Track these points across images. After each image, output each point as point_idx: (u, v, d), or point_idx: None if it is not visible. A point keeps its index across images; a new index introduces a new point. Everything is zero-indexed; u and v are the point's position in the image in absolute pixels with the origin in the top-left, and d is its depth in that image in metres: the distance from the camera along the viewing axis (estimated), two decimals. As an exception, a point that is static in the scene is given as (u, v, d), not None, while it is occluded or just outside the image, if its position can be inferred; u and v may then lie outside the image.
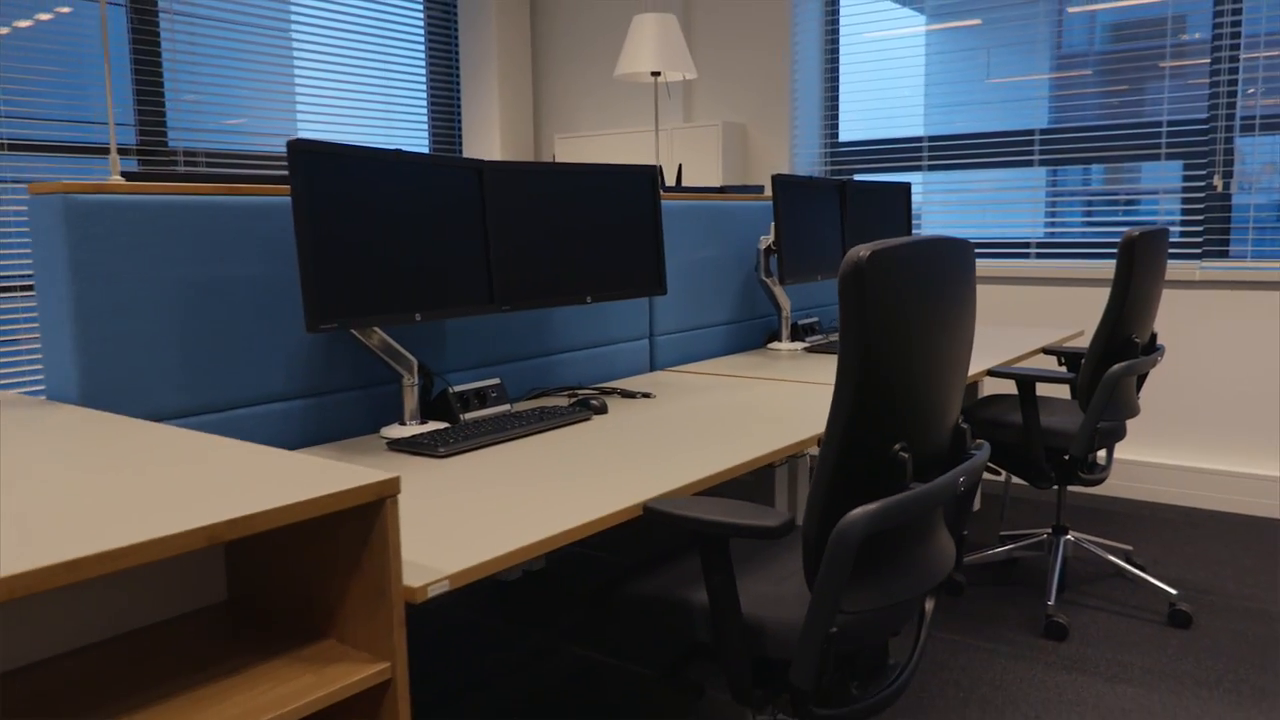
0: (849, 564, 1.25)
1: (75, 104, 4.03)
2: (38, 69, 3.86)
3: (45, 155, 3.94)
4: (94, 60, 4.11)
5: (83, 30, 4.05)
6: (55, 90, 3.97)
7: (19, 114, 3.82)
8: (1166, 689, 2.28)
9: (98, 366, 1.53)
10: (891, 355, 1.26)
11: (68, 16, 3.95)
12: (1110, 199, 3.93)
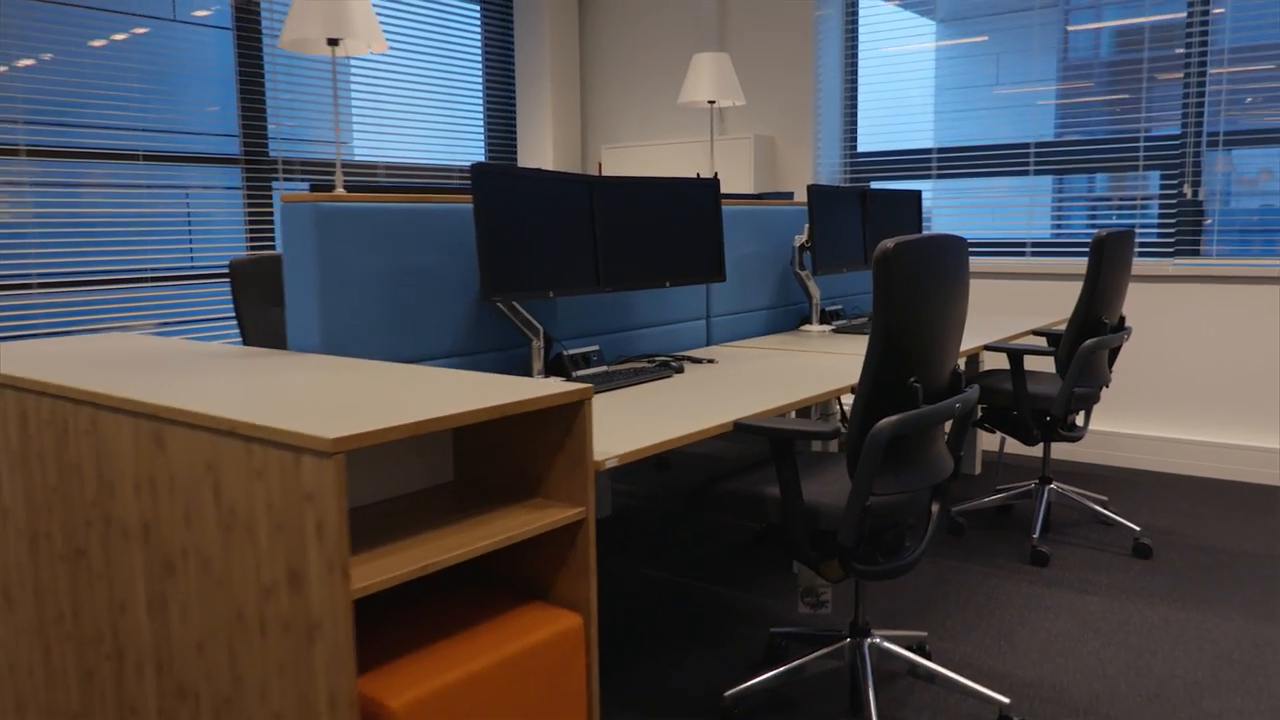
0: (878, 458, 1.83)
1: (173, 116, 4.65)
2: (142, 86, 4.48)
3: (172, 164, 4.56)
4: (189, 77, 4.72)
5: (177, 50, 4.67)
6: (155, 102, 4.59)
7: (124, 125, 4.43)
8: (1126, 599, 2.85)
9: (332, 325, 2.12)
10: (908, 316, 1.84)
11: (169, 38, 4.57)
12: (1097, 204, 4.50)
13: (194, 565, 1.52)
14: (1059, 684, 2.33)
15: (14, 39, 3.98)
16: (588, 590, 1.69)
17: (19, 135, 3.99)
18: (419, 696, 1.41)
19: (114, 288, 4.32)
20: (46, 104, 4.10)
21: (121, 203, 4.34)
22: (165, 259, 4.52)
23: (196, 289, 4.64)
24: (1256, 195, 4.14)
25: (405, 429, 1.35)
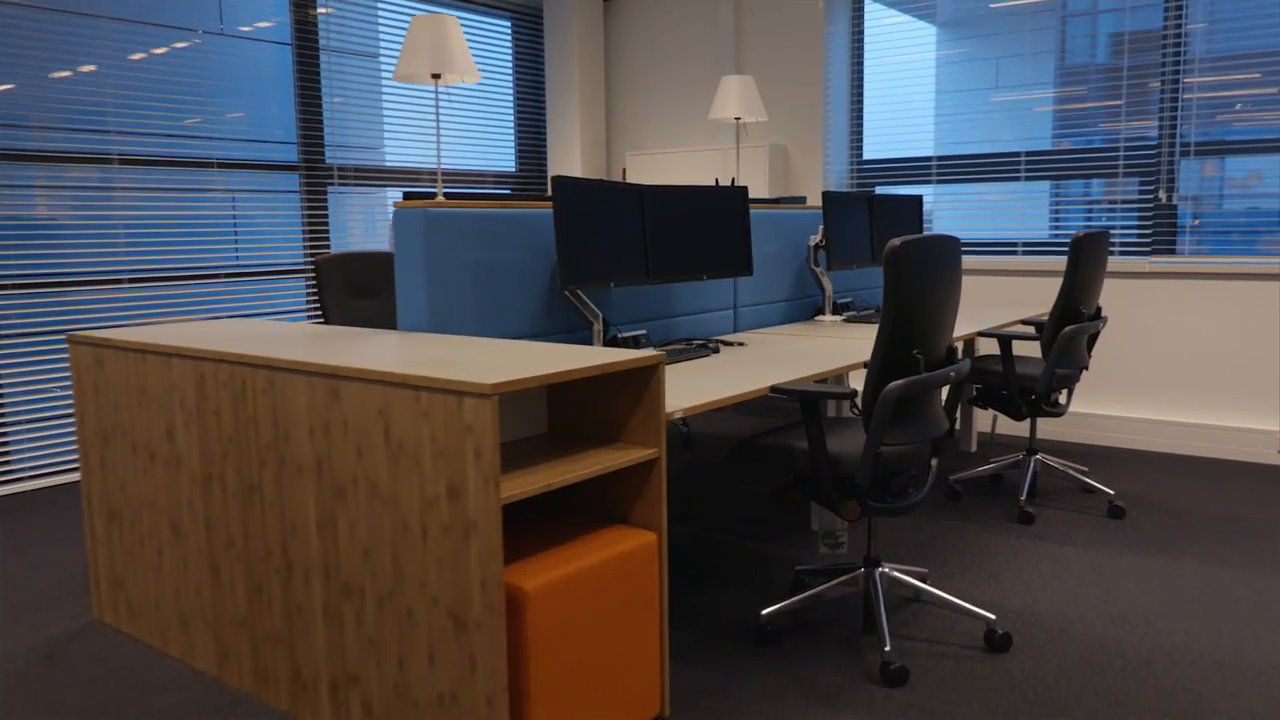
0: (889, 413, 2.29)
1: (243, 126, 5.11)
2: (216, 100, 4.94)
3: (241, 171, 5.02)
4: (255, 89, 5.17)
5: (244, 64, 5.13)
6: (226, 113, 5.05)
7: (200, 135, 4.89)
8: (1099, 549, 3.31)
9: (437, 308, 2.58)
10: (912, 300, 2.29)
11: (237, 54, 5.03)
12: (1082, 208, 4.96)
13: (363, 490, 1.98)
14: (1037, 611, 2.79)
15: (106, 60, 4.44)
16: (660, 515, 2.14)
17: (111, 145, 4.45)
18: (546, 582, 1.86)
19: (193, 282, 4.77)
20: (134, 117, 4.56)
21: (197, 206, 4.80)
22: (242, 257, 4.98)
23: (269, 284, 5.10)
24: (1226, 199, 4.59)
25: (544, 378, 1.81)
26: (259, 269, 5.04)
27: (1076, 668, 2.44)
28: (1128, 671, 2.41)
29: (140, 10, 4.54)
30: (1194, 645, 2.56)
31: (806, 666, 2.47)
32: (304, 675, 2.20)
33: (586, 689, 1.98)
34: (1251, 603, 2.84)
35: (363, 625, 2.04)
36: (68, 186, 4.31)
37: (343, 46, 5.34)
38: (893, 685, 2.36)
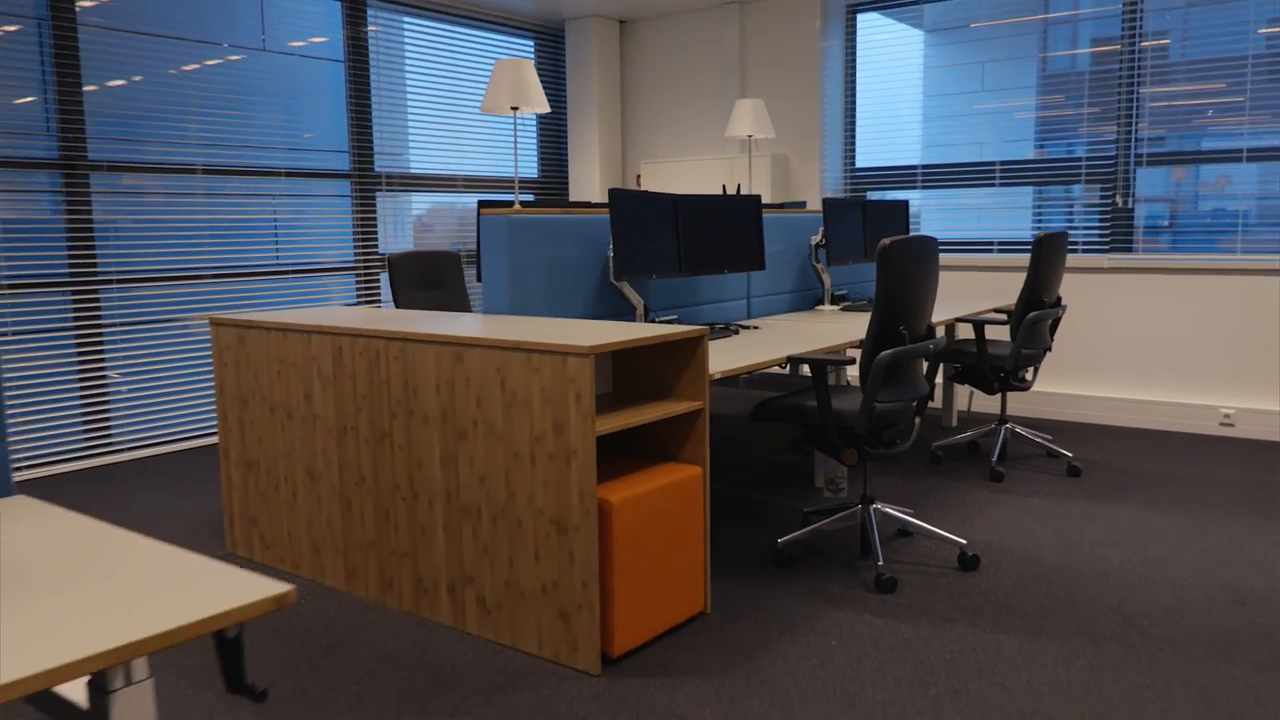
0: (881, 376, 2.91)
1: (309, 137, 5.72)
2: (284, 116, 5.54)
3: (302, 179, 5.62)
4: (313, 103, 5.76)
5: (303, 80, 5.73)
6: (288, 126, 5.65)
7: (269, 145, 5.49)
8: (1057, 500, 3.94)
9: (516, 294, 3.19)
10: (899, 287, 2.91)
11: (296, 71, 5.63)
12: (1049, 211, 5.60)
13: (482, 430, 2.60)
14: (1002, 543, 3.42)
15: (188, 87, 5.04)
16: (704, 454, 2.76)
17: (194, 156, 5.05)
18: (625, 498, 2.48)
19: (261, 278, 5.37)
20: (215, 132, 5.16)
21: (264, 209, 5.40)
22: (302, 255, 5.59)
23: (326, 279, 5.71)
24: (1176, 203, 5.23)
25: (624, 344, 2.43)
26: (318, 266, 5.64)
27: (1031, 581, 3.07)
28: (1071, 584, 3.05)
29: (209, 31, 5.14)
30: (1125, 566, 3.19)
31: (816, 580, 3.09)
32: (425, 581, 2.82)
33: (651, 584, 2.60)
34: (1176, 536, 3.47)
35: (478, 536, 2.65)
36: (159, 193, 4.90)
37: (389, 63, 5.94)
38: (884, 591, 2.99)
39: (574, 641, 2.49)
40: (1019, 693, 2.35)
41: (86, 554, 1.29)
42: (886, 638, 2.66)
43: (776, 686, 2.40)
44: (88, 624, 1.07)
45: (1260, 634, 2.66)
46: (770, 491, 4.11)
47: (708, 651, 2.60)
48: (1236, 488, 4.07)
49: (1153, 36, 5.19)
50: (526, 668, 2.52)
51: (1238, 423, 5.00)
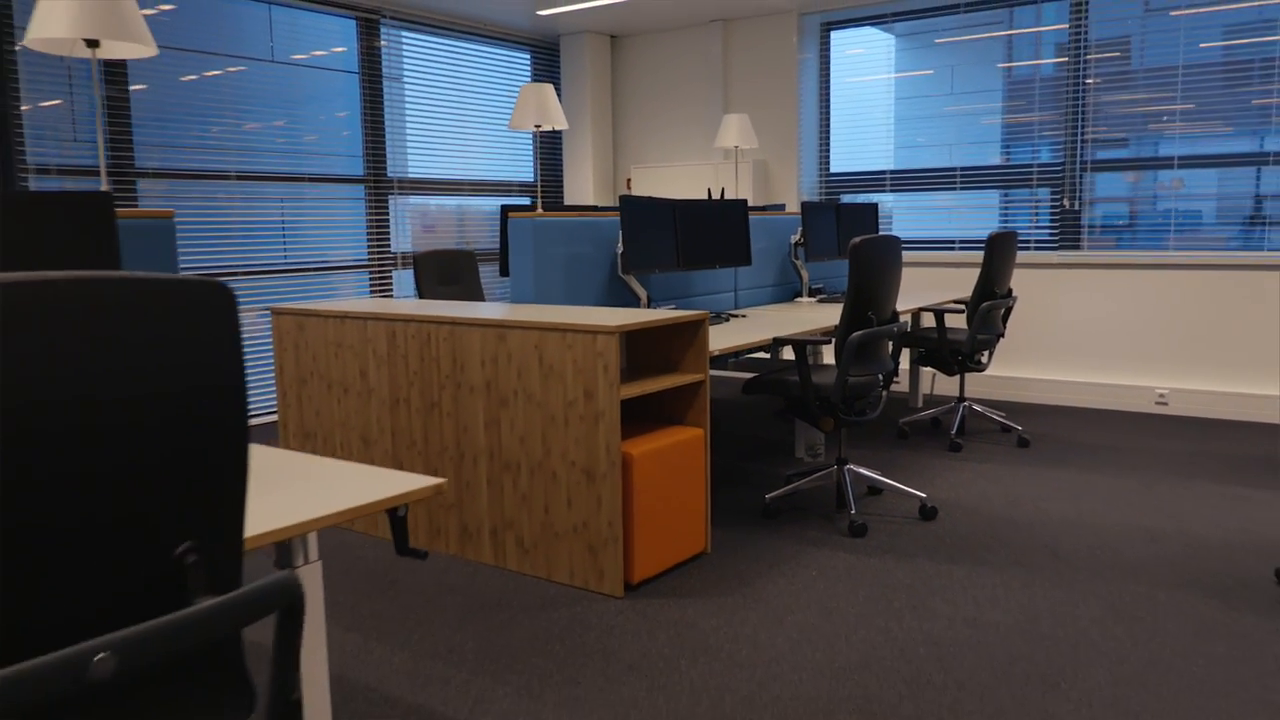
0: (853, 354, 3.45)
1: (328, 144, 6.19)
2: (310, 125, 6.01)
3: (325, 184, 6.10)
4: (329, 111, 6.22)
5: (323, 91, 6.19)
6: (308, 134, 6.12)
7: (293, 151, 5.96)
8: (1007, 465, 4.50)
9: (540, 286, 3.70)
10: (867, 280, 3.45)
11: (318, 84, 6.10)
12: (1005, 212, 6.17)
13: (521, 398, 3.11)
14: (958, 499, 3.97)
15: (219, 90, 5.51)
16: (705, 418, 3.29)
17: (229, 164, 5.52)
18: (643, 452, 3.01)
19: (284, 276, 5.85)
20: (244, 141, 5.64)
21: (290, 210, 5.89)
22: (321, 253, 6.07)
23: (342, 276, 6.19)
24: (1117, 204, 5.83)
25: (643, 324, 2.95)
26: (333, 265, 6.12)
27: (980, 528, 3.63)
28: (1013, 529, 3.61)
29: (239, 45, 5.62)
30: (1061, 516, 3.76)
31: (798, 527, 3.63)
32: (469, 528, 3.33)
33: (662, 524, 3.13)
34: (1107, 494, 4.05)
35: (518, 487, 3.17)
36: (196, 198, 5.38)
37: (398, 75, 6.44)
38: (856, 535, 3.53)
39: (601, 571, 3.02)
40: (964, 606, 2.90)
41: (287, 467, 1.80)
42: (857, 569, 3.21)
43: (768, 603, 2.93)
44: (311, 502, 1.59)
45: (1165, 563, 3.23)
46: (757, 461, 4.65)
47: (710, 580, 3.13)
48: (1165, 456, 4.66)
49: (1096, 49, 5.77)
50: (561, 593, 3.05)
51: (1171, 401, 5.60)
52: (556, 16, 6.76)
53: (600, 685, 2.44)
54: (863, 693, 2.38)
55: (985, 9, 6.14)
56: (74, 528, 0.91)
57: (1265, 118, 5.34)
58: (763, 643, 2.66)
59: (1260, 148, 5.38)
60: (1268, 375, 5.36)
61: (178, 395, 0.98)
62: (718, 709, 2.31)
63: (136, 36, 2.66)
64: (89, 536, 0.92)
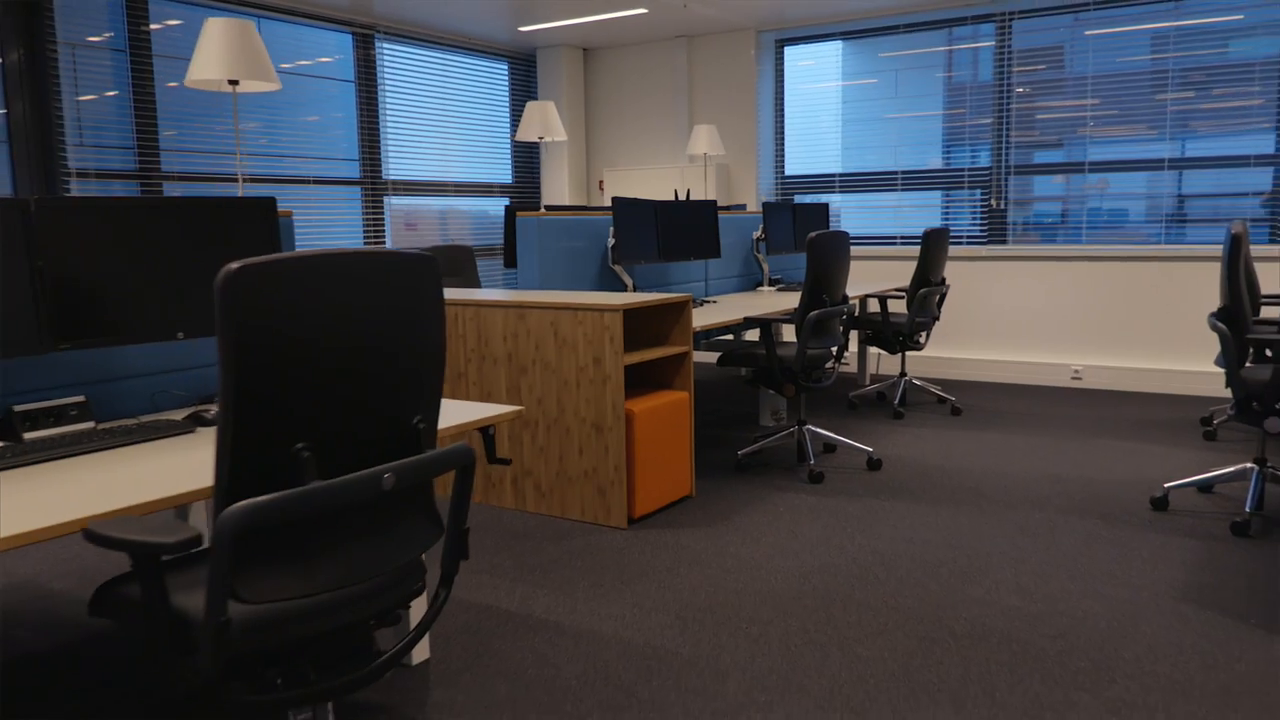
0: (811, 330, 4.13)
1: (332, 149, 6.75)
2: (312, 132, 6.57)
3: (327, 186, 6.64)
4: (329, 119, 6.77)
5: (323, 100, 6.74)
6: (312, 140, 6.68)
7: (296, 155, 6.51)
8: (942, 430, 5.23)
9: (545, 275, 4.33)
10: (822, 269, 4.13)
11: (319, 93, 6.65)
12: (941, 211, 6.92)
13: (539, 366, 3.75)
14: (899, 455, 4.68)
15: (244, 109, 6.05)
16: (690, 384, 3.95)
17: (239, 168, 6.06)
18: (642, 409, 3.66)
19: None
20: (254, 146, 6.18)
21: (305, 213, 6.44)
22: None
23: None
24: (1036, 204, 6.60)
25: (643, 303, 3.60)
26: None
27: (917, 475, 4.33)
28: (945, 476, 4.32)
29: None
30: (984, 466, 4.48)
31: (766, 477, 4.31)
32: (493, 478, 3.95)
33: (657, 470, 3.78)
34: (1025, 450, 4.78)
35: (536, 441, 3.80)
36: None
37: (391, 84, 7.01)
38: (814, 482, 4.22)
39: (608, 508, 3.66)
40: (902, 529, 3.59)
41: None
42: (816, 506, 3.89)
43: (745, 530, 3.60)
44: (440, 421, 2.22)
45: (1065, 497, 3.95)
46: (727, 428, 5.33)
47: (696, 515, 3.79)
48: (1076, 421, 5.42)
49: (1020, 62, 6.54)
50: (575, 527, 3.69)
51: (1084, 376, 6.39)
52: (534, 31, 7.38)
53: (618, 586, 3.09)
54: (823, 586, 3.06)
55: (924, 30, 6.88)
56: (369, 407, 1.54)
57: (1160, 125, 6.14)
58: (744, 556, 3.33)
59: (1174, 153, 6.18)
60: (1167, 353, 6.16)
61: (412, 331, 1.61)
62: (713, 599, 2.97)
63: (264, 75, 3.28)
64: (375, 412, 1.55)
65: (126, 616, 1.58)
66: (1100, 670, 2.47)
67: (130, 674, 2.54)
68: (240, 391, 1.36)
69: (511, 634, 2.75)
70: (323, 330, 1.43)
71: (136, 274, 2.11)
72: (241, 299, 1.34)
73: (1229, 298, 3.46)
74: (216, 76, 3.18)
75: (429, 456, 1.60)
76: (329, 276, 1.44)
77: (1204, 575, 3.09)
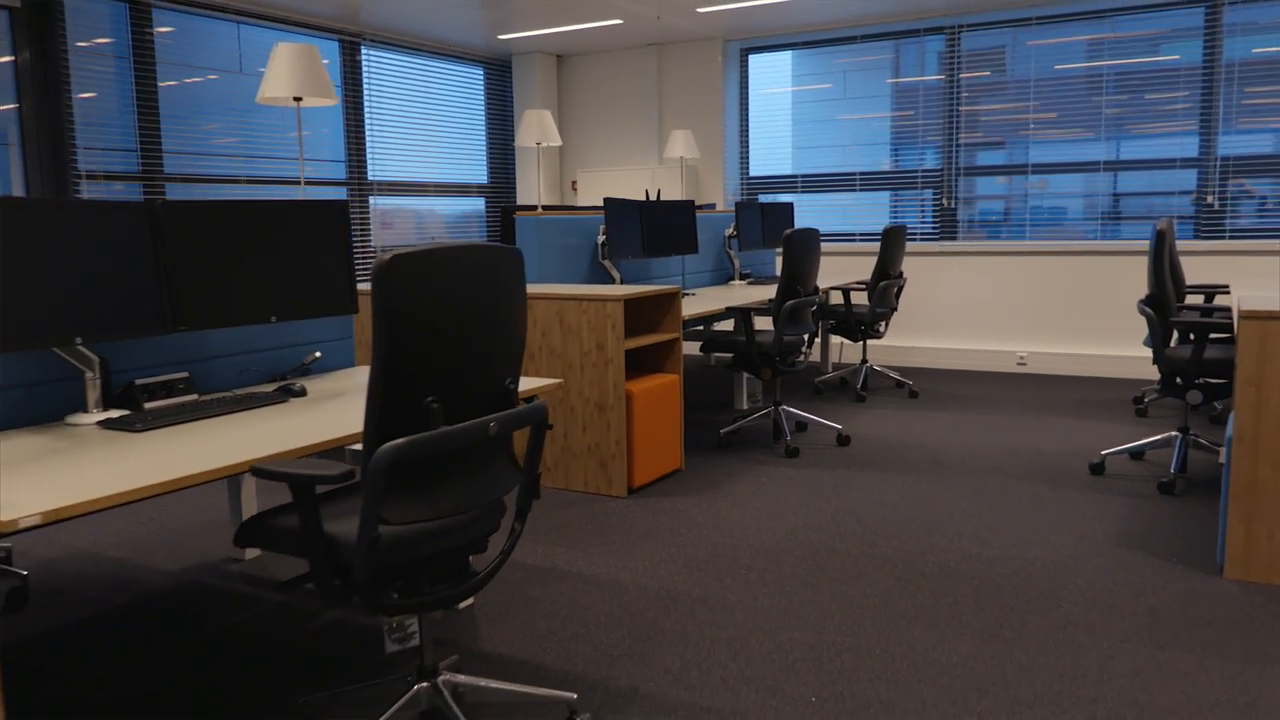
0: (788, 319, 4.56)
1: (321, 152, 7.04)
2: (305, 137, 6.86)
3: (317, 186, 6.93)
4: (322, 126, 7.05)
5: (315, 110, 7.01)
6: (306, 145, 6.95)
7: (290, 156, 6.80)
8: (899, 410, 5.70)
9: (543, 270, 4.70)
10: (797, 264, 4.56)
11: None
12: (897, 209, 7.41)
13: (545, 351, 4.13)
14: (864, 433, 5.13)
15: (231, 109, 6.31)
16: (680, 367, 4.36)
17: (239, 169, 6.34)
18: (641, 389, 4.06)
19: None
20: (253, 149, 6.45)
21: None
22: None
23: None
24: (988, 203, 7.11)
25: (638, 294, 4.00)
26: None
27: (882, 449, 4.79)
28: (907, 449, 4.78)
29: (250, 63, 6.44)
30: (943, 440, 4.95)
31: (747, 452, 4.74)
32: (500, 455, 4.32)
33: (652, 445, 4.18)
34: (977, 426, 5.27)
35: (542, 420, 4.17)
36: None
37: (375, 89, 7.32)
38: (790, 456, 4.65)
39: (609, 479, 4.06)
40: (872, 493, 4.04)
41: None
42: (794, 476, 4.32)
43: (733, 497, 4.02)
44: (498, 386, 2.60)
45: (1015, 465, 4.43)
46: (707, 411, 5.75)
47: (688, 486, 4.20)
48: (1023, 401, 5.93)
49: (968, 68, 7.05)
50: (580, 497, 4.07)
51: (1029, 362, 6.92)
52: (511, 39, 7.73)
53: (626, 544, 3.48)
54: (807, 540, 3.49)
55: (879, 40, 7.36)
56: (479, 369, 1.91)
57: (1095, 128, 6.69)
58: (734, 519, 3.75)
59: (1109, 155, 6.73)
60: (1104, 340, 6.72)
61: (507, 309, 1.99)
62: (713, 552, 3.38)
63: (325, 93, 3.66)
64: (483, 373, 1.93)
65: (276, 542, 1.94)
66: (1048, 598, 2.93)
67: (197, 619, 2.88)
68: (389, 356, 1.73)
69: (541, 582, 3.13)
70: (450, 306, 1.81)
71: (238, 266, 2.46)
72: (393, 283, 1.72)
73: (1155, 286, 3.96)
74: (284, 94, 3.56)
75: (519, 410, 1.99)
76: (455, 265, 1.81)
77: (1135, 526, 3.58)
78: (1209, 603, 2.88)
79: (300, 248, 2.61)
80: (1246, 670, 2.46)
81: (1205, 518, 3.65)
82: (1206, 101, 6.38)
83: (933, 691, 2.37)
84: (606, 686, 2.42)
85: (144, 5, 5.76)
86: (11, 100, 5.30)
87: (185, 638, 2.76)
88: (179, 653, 2.66)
